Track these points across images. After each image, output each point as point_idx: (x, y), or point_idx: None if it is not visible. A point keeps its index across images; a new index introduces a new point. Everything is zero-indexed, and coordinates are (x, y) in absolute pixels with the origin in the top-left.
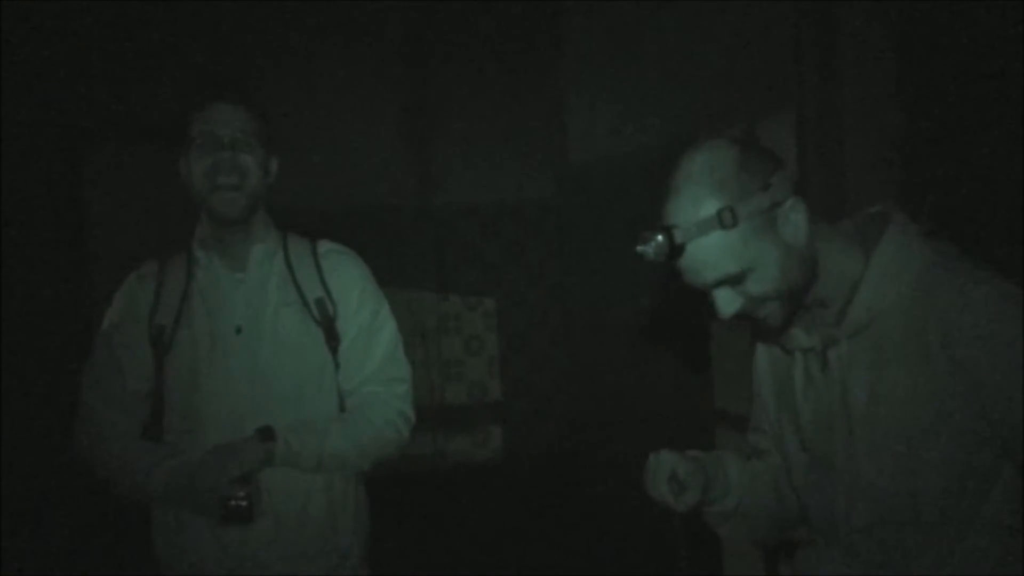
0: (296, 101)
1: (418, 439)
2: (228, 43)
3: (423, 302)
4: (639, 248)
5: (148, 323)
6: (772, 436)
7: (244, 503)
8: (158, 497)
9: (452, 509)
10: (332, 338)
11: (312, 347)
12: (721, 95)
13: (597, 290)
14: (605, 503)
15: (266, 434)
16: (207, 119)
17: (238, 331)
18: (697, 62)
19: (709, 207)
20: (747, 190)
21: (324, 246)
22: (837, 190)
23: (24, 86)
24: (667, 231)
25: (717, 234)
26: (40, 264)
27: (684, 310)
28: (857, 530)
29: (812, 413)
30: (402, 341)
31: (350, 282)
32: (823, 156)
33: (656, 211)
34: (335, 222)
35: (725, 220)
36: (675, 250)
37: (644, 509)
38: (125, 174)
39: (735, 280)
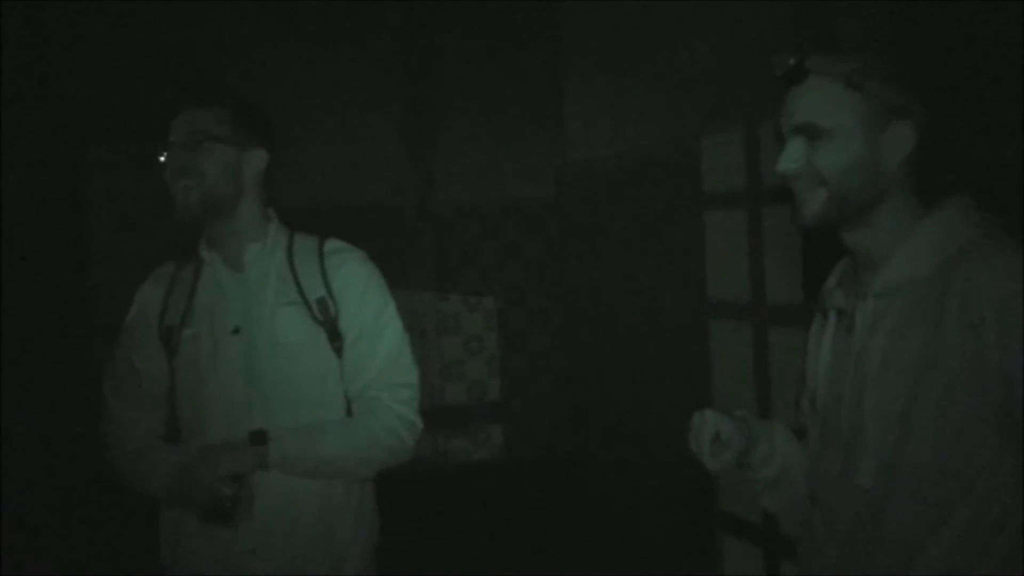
0: (296, 101)
1: (418, 439)
2: (228, 43)
3: (423, 302)
4: (773, 57)
5: (159, 324)
6: (809, 413)
7: (228, 504)
8: (162, 496)
9: (452, 509)
10: (335, 339)
11: (313, 349)
12: (721, 95)
13: (597, 290)
14: (605, 503)
15: (258, 438)
16: (173, 126)
17: (235, 331)
18: (697, 62)
19: (851, 63)
20: (887, 82)
21: (331, 245)
22: None
23: (24, 86)
24: (804, 54)
25: (837, 86)
26: (40, 264)
27: (684, 309)
28: (853, 494)
29: (829, 375)
30: (410, 347)
31: (353, 280)
32: None
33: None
34: (335, 222)
35: (853, 79)
36: (797, 71)
37: (643, 509)
38: (125, 174)
39: (815, 133)
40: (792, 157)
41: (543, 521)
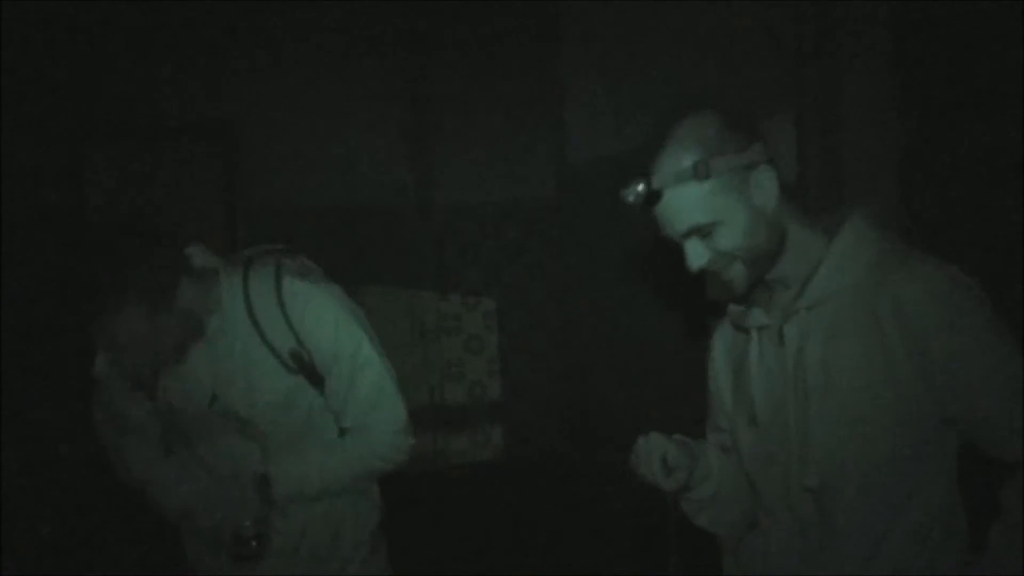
0: (296, 101)
1: (418, 439)
2: (228, 43)
3: (423, 302)
4: (622, 192)
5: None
6: (729, 429)
7: (254, 543)
8: (176, 520)
9: (452, 509)
10: (316, 382)
11: (295, 396)
12: (721, 95)
13: (597, 290)
14: (605, 503)
15: (263, 484)
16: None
17: (212, 400)
18: (697, 62)
19: (687, 160)
20: (723, 149)
21: (288, 287)
22: (836, 189)
23: (24, 86)
24: (647, 178)
25: (691, 184)
26: (40, 264)
27: (684, 310)
28: (809, 490)
29: (765, 389)
30: (392, 377)
31: (321, 323)
32: (823, 156)
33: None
34: (335, 222)
35: (699, 171)
36: (652, 195)
37: (643, 509)
38: (125, 173)
39: (703, 231)
40: (698, 255)
41: (543, 521)
